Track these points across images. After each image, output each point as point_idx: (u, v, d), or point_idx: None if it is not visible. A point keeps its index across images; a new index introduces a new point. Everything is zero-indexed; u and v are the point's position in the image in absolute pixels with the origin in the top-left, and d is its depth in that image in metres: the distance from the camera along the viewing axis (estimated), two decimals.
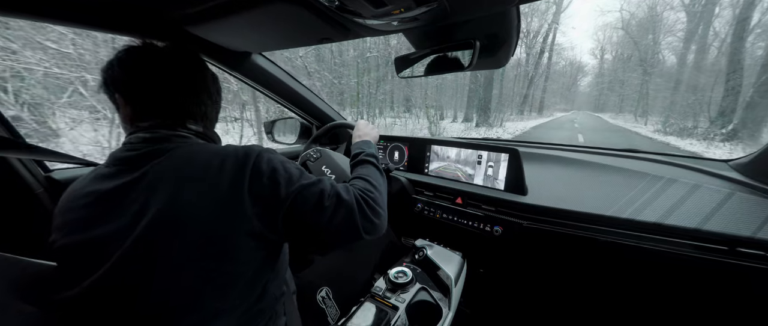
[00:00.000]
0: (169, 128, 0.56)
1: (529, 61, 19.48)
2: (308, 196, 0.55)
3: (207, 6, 0.68)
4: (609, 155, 1.27)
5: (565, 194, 1.03)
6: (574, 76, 53.26)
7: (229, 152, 0.53)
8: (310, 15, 0.68)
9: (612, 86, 37.38)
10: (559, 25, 21.94)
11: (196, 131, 0.59)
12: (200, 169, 0.50)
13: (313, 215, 0.55)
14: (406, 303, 0.91)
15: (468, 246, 1.20)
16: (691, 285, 0.87)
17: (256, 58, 1.14)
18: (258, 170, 0.53)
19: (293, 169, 0.58)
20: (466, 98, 13.64)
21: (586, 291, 1.11)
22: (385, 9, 0.61)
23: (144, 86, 0.55)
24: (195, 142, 0.56)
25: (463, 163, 1.23)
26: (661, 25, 20.90)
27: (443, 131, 10.26)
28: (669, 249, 0.83)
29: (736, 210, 0.82)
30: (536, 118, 25.49)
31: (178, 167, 0.50)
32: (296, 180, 0.56)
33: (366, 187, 0.66)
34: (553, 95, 40.53)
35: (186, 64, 0.59)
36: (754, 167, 0.95)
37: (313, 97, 1.45)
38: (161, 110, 0.57)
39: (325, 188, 0.58)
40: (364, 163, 0.77)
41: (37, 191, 0.86)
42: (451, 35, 0.84)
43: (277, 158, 0.58)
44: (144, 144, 0.53)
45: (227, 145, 0.57)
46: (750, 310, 0.82)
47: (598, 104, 49.00)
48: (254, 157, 0.54)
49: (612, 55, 38.47)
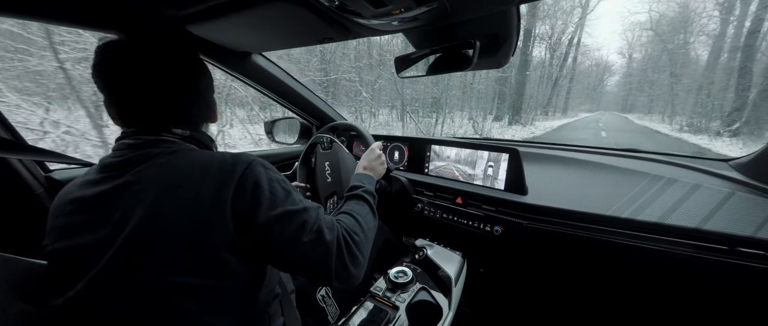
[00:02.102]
0: (153, 133, 0.53)
1: (552, 62, 19.06)
2: (287, 226, 0.51)
3: (207, 5, 0.68)
4: (609, 155, 1.27)
5: (565, 194, 1.03)
6: (601, 77, 51.92)
7: (215, 162, 0.50)
8: (311, 15, 0.68)
9: (640, 86, 36.53)
10: (585, 26, 21.63)
11: (182, 136, 0.55)
12: (182, 179, 0.47)
13: (287, 248, 0.51)
14: (407, 302, 0.91)
15: (468, 245, 1.20)
16: (692, 284, 0.87)
17: (256, 58, 1.14)
18: (242, 186, 0.49)
19: (279, 189, 0.53)
20: (492, 98, 13.59)
21: (587, 290, 1.11)
22: (385, 9, 0.61)
23: (125, 88, 0.51)
24: (181, 148, 0.53)
25: (463, 163, 1.23)
26: (692, 26, 20.28)
27: (485, 130, 10.45)
28: (669, 248, 0.83)
29: (737, 210, 0.82)
30: (560, 118, 25.28)
31: (160, 176, 0.48)
32: (280, 203, 0.51)
33: (354, 228, 0.61)
34: (577, 96, 39.73)
35: (172, 62, 0.54)
36: (755, 167, 0.95)
37: (313, 97, 1.45)
38: (145, 114, 0.53)
39: (308, 220, 0.53)
40: (359, 199, 0.72)
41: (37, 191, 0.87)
42: (452, 35, 0.84)
43: (266, 174, 0.53)
44: (128, 150, 0.51)
45: (215, 153, 0.54)
46: (750, 310, 0.82)
47: (625, 104, 47.89)
48: (242, 169, 0.50)
49: (641, 54, 37.76)
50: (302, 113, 1.51)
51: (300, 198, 0.56)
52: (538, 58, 17.27)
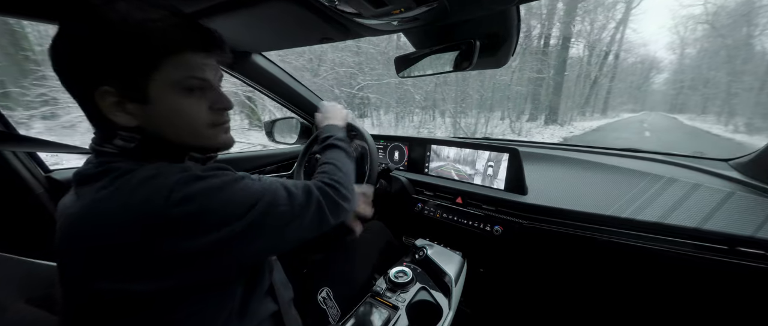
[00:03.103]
0: (97, 143, 0.46)
1: (591, 60, 17.56)
2: (264, 225, 0.46)
3: (207, 5, 0.68)
4: (609, 155, 1.27)
5: (565, 194, 1.03)
6: (646, 74, 47.62)
7: (134, 191, 0.39)
8: (310, 14, 0.68)
9: (694, 84, 33.73)
10: (629, 21, 19.48)
11: (123, 148, 0.45)
12: (107, 222, 0.39)
13: (275, 238, 0.48)
14: (407, 302, 0.91)
15: (468, 245, 1.20)
16: (691, 284, 0.87)
17: (256, 58, 1.14)
18: (176, 220, 0.39)
19: (230, 196, 0.44)
20: (525, 98, 12.93)
21: (587, 290, 1.11)
22: (385, 9, 0.61)
23: (67, 87, 0.44)
24: (120, 169, 0.42)
25: (463, 163, 1.23)
26: (757, 18, 18.05)
27: (522, 130, 10.39)
28: (669, 248, 0.83)
29: (737, 209, 0.82)
30: (599, 118, 23.35)
31: (85, 217, 0.41)
32: (242, 211, 0.44)
33: (334, 173, 0.65)
34: (619, 95, 36.41)
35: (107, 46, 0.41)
36: (755, 167, 0.95)
37: (313, 96, 1.45)
38: (89, 118, 0.46)
39: (281, 201, 0.49)
40: (332, 147, 0.76)
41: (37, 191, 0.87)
42: (452, 35, 0.84)
43: (204, 188, 0.42)
44: (89, 158, 0.47)
45: (144, 176, 0.41)
46: (750, 310, 0.82)
47: (675, 103, 43.64)
48: (165, 197, 0.39)
49: (695, 49, 33.88)
50: (302, 113, 1.51)
51: (259, 187, 0.48)
52: (576, 56, 15.88)
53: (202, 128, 0.50)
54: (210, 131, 0.51)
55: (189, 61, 0.46)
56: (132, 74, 0.43)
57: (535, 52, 11.51)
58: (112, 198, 0.40)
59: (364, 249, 1.05)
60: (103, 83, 0.42)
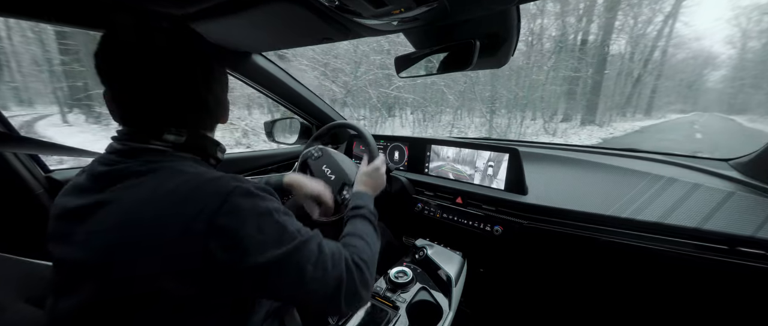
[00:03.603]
0: (141, 140, 0.48)
1: (634, 56, 15.72)
2: (286, 270, 0.45)
3: (207, 5, 0.68)
4: (609, 155, 1.27)
5: (565, 194, 1.03)
6: (699, 71, 41.28)
7: (188, 193, 0.42)
8: (310, 15, 0.68)
9: (757, 81, 29.72)
10: (680, 14, 17.33)
11: (175, 143, 0.49)
12: (144, 215, 0.41)
13: (289, 290, 0.46)
14: (407, 302, 0.91)
15: (468, 245, 1.20)
16: (692, 284, 0.87)
17: (256, 58, 1.14)
18: (220, 228, 0.41)
19: (271, 224, 0.46)
20: (558, 98, 11.92)
21: (587, 290, 1.11)
22: (385, 9, 0.61)
23: (122, 82, 0.47)
24: (161, 166, 0.46)
25: (463, 163, 1.23)
26: None
27: (557, 131, 9.88)
28: (669, 248, 0.83)
29: (737, 209, 0.82)
30: (642, 119, 21.19)
31: (122, 209, 0.42)
32: (272, 244, 0.44)
33: (363, 250, 0.59)
34: (666, 94, 32.22)
35: (171, 58, 0.47)
36: (755, 167, 0.95)
37: (313, 97, 1.45)
38: (138, 114, 0.48)
39: (309, 256, 0.47)
40: (364, 219, 0.69)
41: (37, 191, 0.87)
42: (452, 35, 0.84)
43: (253, 206, 0.45)
44: (114, 156, 0.48)
45: (194, 177, 0.45)
46: (750, 310, 0.82)
47: (733, 103, 37.97)
48: (217, 204, 0.42)
49: (760, 43, 29.95)
50: (302, 113, 1.51)
51: (297, 228, 0.50)
52: (617, 53, 14.34)
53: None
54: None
55: None
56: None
57: (571, 49, 10.70)
58: (176, 191, 0.43)
59: None
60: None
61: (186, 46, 0.50)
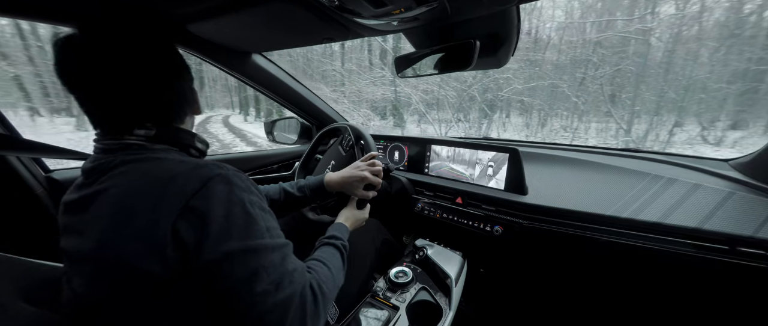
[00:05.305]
0: (115, 137, 0.49)
1: None
2: (238, 267, 0.42)
3: (207, 5, 0.68)
4: (609, 155, 1.27)
5: (565, 194, 1.03)
6: None
7: (170, 177, 0.44)
8: (310, 15, 0.68)
9: None
10: None
11: (146, 137, 0.50)
12: (132, 200, 0.43)
13: (232, 296, 0.42)
14: (407, 302, 0.91)
15: (468, 245, 1.20)
16: (692, 284, 0.87)
17: (256, 58, 1.14)
18: (192, 209, 0.42)
19: (239, 215, 0.44)
20: (723, 100, 7.49)
21: (587, 290, 1.11)
22: (385, 9, 0.61)
23: (79, 86, 0.47)
24: (142, 156, 0.48)
25: (464, 163, 1.23)
26: None
27: (726, 141, 6.77)
28: (669, 248, 0.83)
29: (737, 209, 0.82)
30: None
31: (111, 198, 0.44)
32: (235, 235, 0.43)
33: (326, 280, 0.55)
34: None
35: (124, 54, 0.47)
36: (755, 167, 0.95)
37: (313, 97, 1.45)
38: (104, 114, 0.49)
39: (266, 264, 0.44)
40: (336, 250, 0.67)
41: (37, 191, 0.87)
42: (452, 35, 0.84)
43: (229, 193, 0.44)
44: (99, 154, 0.49)
45: (178, 163, 0.47)
46: (750, 309, 0.82)
47: None
48: (196, 187, 0.43)
49: None
50: (302, 113, 1.51)
51: (268, 227, 0.47)
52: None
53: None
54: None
55: None
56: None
57: (751, 35, 6.76)
58: (160, 177, 0.44)
59: (362, 248, 1.05)
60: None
61: (139, 47, 0.49)
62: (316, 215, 1.04)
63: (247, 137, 9.60)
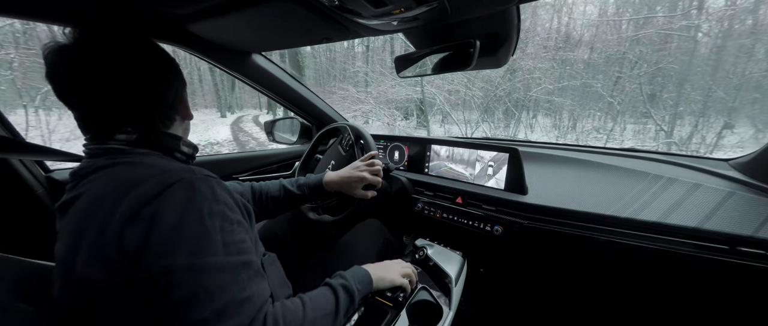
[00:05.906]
0: (98, 142, 0.50)
1: None
2: (174, 288, 0.37)
3: (207, 5, 0.68)
4: (609, 155, 1.27)
5: (565, 194, 1.03)
6: None
7: (143, 179, 0.42)
8: (310, 14, 0.67)
9: None
10: None
11: (128, 141, 0.50)
12: (98, 205, 0.42)
13: (168, 315, 0.38)
14: (407, 302, 0.91)
15: (468, 245, 1.20)
16: (692, 284, 0.87)
17: (256, 58, 1.14)
18: (140, 215, 0.38)
19: (192, 225, 0.39)
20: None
21: (587, 290, 1.11)
22: (385, 9, 0.61)
23: (65, 93, 0.48)
24: (122, 160, 0.47)
25: (463, 163, 1.23)
26: None
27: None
28: (669, 248, 0.83)
29: (737, 209, 0.82)
30: None
31: (84, 201, 0.45)
32: (181, 251, 0.38)
33: (294, 315, 0.46)
34: None
35: (106, 59, 0.47)
36: (755, 166, 0.95)
37: (313, 97, 1.45)
38: (87, 122, 0.50)
39: (212, 287, 0.38)
40: (329, 290, 0.57)
41: (37, 191, 0.87)
42: (452, 35, 0.84)
43: (188, 200, 0.41)
44: (85, 159, 0.50)
45: (150, 169, 0.46)
46: (750, 309, 0.82)
47: None
48: (153, 192, 0.40)
49: None
50: (302, 113, 1.51)
51: (225, 242, 0.41)
52: None
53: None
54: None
55: None
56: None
57: None
58: (128, 181, 0.43)
59: (362, 248, 1.05)
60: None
61: (125, 54, 0.49)
62: (317, 215, 1.04)
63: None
